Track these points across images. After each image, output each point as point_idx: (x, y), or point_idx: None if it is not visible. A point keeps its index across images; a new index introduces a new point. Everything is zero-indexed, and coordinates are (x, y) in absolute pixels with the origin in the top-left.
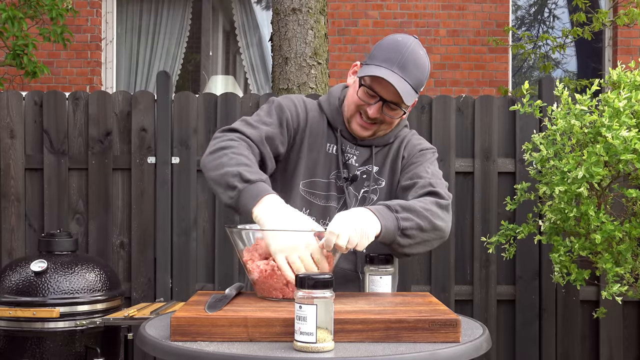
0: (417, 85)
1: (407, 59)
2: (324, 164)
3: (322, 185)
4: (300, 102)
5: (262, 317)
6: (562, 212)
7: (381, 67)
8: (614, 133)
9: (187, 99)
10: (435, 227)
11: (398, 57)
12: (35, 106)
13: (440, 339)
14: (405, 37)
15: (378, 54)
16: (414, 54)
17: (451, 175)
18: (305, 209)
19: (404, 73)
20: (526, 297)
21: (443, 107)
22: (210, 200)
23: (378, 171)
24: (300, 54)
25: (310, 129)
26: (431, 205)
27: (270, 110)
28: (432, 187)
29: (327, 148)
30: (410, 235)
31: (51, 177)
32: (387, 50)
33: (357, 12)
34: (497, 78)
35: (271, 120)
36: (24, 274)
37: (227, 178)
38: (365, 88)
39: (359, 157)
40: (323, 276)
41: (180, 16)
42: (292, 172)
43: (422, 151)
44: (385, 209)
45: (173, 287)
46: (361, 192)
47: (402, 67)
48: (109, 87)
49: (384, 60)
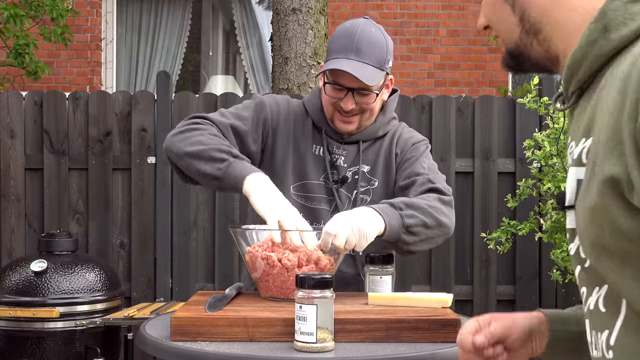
0: (379, 63)
1: (359, 41)
2: (313, 167)
3: (313, 187)
4: (284, 102)
5: (263, 317)
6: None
7: (337, 58)
8: None
9: (187, 99)
10: (440, 224)
11: (349, 42)
12: (35, 106)
13: (440, 339)
14: (353, 21)
15: (332, 46)
16: (365, 34)
17: (451, 175)
18: (299, 212)
19: (360, 56)
20: (526, 297)
21: (443, 107)
22: (210, 200)
23: (370, 171)
24: (300, 54)
25: (295, 131)
26: (434, 202)
27: (249, 105)
28: (431, 183)
29: (313, 150)
30: (415, 233)
31: (51, 177)
32: (338, 40)
33: (357, 12)
34: (497, 78)
35: (246, 115)
36: (24, 274)
37: (211, 152)
38: (330, 84)
39: (347, 156)
40: (323, 276)
41: (180, 16)
42: (281, 175)
43: (414, 145)
44: (389, 206)
45: (173, 287)
46: (354, 193)
47: (357, 51)
48: (109, 87)
49: (338, 50)
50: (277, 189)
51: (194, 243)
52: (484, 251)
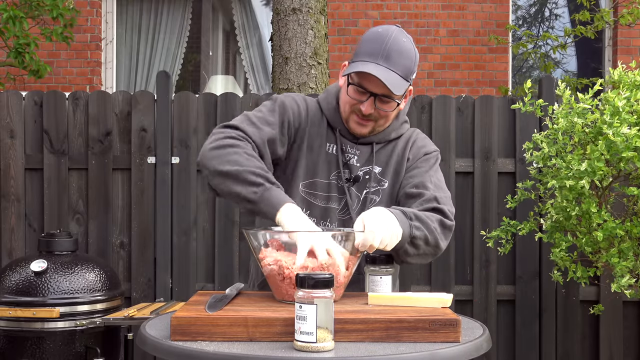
0: (405, 74)
1: (391, 48)
2: (324, 165)
3: (322, 186)
4: (302, 101)
5: (263, 317)
6: (564, 210)
7: (366, 61)
8: (615, 130)
9: (187, 99)
10: (437, 245)
11: (381, 48)
12: (35, 106)
13: (440, 339)
14: (386, 27)
15: (361, 48)
16: (396, 42)
17: (451, 175)
18: (305, 210)
19: (390, 63)
20: (526, 297)
21: (443, 107)
22: (210, 200)
23: (381, 172)
24: (301, 54)
25: (311, 129)
26: (436, 223)
27: (273, 108)
28: (437, 202)
29: (327, 148)
30: (417, 245)
31: (51, 177)
32: (369, 43)
33: (357, 12)
34: (497, 78)
35: (273, 120)
36: (24, 274)
37: (247, 175)
38: (354, 86)
39: (360, 156)
40: (323, 276)
41: (180, 16)
42: (291, 172)
43: (426, 155)
44: (402, 214)
45: (173, 287)
46: (363, 192)
47: (387, 57)
48: (109, 87)
49: (368, 54)
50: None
51: (194, 243)
52: (484, 251)
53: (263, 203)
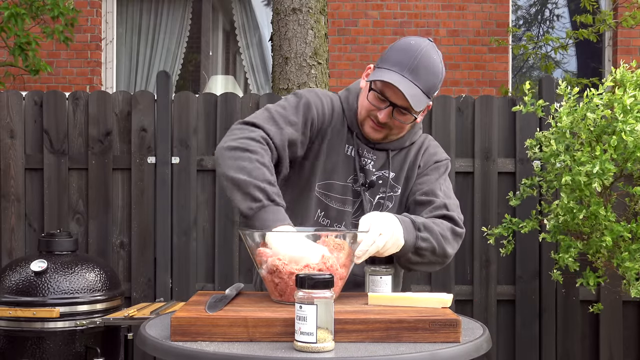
0: (428, 90)
1: (419, 63)
2: (342, 167)
3: (338, 188)
4: (327, 99)
5: (263, 317)
6: (570, 211)
7: (392, 71)
8: (632, 127)
9: (187, 99)
10: (444, 254)
11: (410, 60)
12: (35, 106)
13: (440, 339)
14: (419, 40)
15: (390, 57)
16: (426, 57)
17: (451, 175)
18: (320, 211)
19: (415, 77)
20: (526, 297)
21: (443, 107)
22: (210, 200)
23: (395, 177)
24: (301, 54)
25: (333, 129)
26: (447, 232)
27: (297, 106)
28: (447, 210)
29: (345, 150)
30: (422, 255)
31: (51, 177)
32: (399, 53)
33: (357, 12)
34: (497, 78)
35: (296, 120)
36: (24, 274)
37: (250, 188)
38: (376, 92)
39: (377, 161)
40: (323, 276)
41: (180, 16)
42: (309, 172)
43: (437, 163)
44: (411, 224)
45: (173, 287)
46: (376, 198)
47: (414, 71)
48: (109, 87)
49: (395, 63)
50: (301, 237)
51: (194, 243)
52: (484, 251)
53: (257, 221)
